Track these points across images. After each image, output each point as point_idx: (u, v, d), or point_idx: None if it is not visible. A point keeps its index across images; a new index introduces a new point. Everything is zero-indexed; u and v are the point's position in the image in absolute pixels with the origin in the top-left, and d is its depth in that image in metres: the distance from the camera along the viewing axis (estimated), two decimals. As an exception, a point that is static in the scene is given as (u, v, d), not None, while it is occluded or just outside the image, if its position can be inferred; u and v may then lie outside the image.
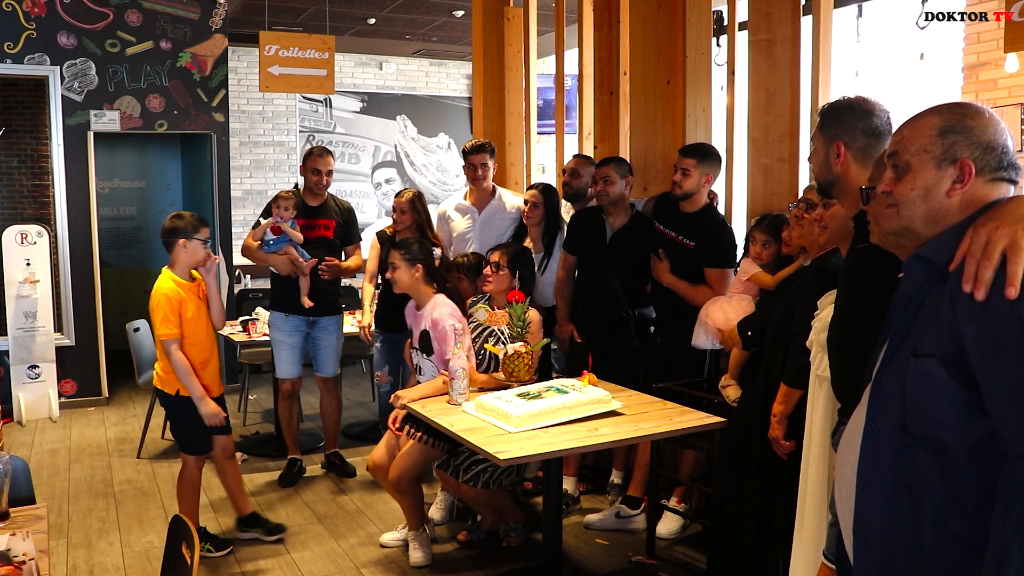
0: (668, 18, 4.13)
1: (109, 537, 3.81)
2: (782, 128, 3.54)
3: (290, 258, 4.29)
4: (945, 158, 1.38)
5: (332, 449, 4.69)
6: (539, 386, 3.08)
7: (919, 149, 1.41)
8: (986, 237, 1.29)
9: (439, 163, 9.57)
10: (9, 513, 2.12)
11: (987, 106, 1.45)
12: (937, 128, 1.40)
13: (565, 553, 3.47)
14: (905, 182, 1.41)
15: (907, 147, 1.42)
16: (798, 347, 2.53)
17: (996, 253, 1.26)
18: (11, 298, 5.86)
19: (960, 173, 1.37)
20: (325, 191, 4.49)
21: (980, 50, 5.47)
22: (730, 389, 3.24)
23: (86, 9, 6.07)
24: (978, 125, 1.39)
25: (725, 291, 3.53)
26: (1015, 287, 1.22)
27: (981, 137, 1.38)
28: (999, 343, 1.23)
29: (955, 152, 1.38)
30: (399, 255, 3.55)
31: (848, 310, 2.07)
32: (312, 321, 4.51)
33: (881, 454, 1.40)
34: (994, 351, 1.23)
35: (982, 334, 1.25)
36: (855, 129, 2.09)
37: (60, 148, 6.06)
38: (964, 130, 1.39)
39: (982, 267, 1.26)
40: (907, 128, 1.45)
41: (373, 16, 7.39)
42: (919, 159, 1.40)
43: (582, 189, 4.12)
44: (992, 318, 1.24)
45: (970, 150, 1.38)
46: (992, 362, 1.24)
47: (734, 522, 2.97)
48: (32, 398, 5.89)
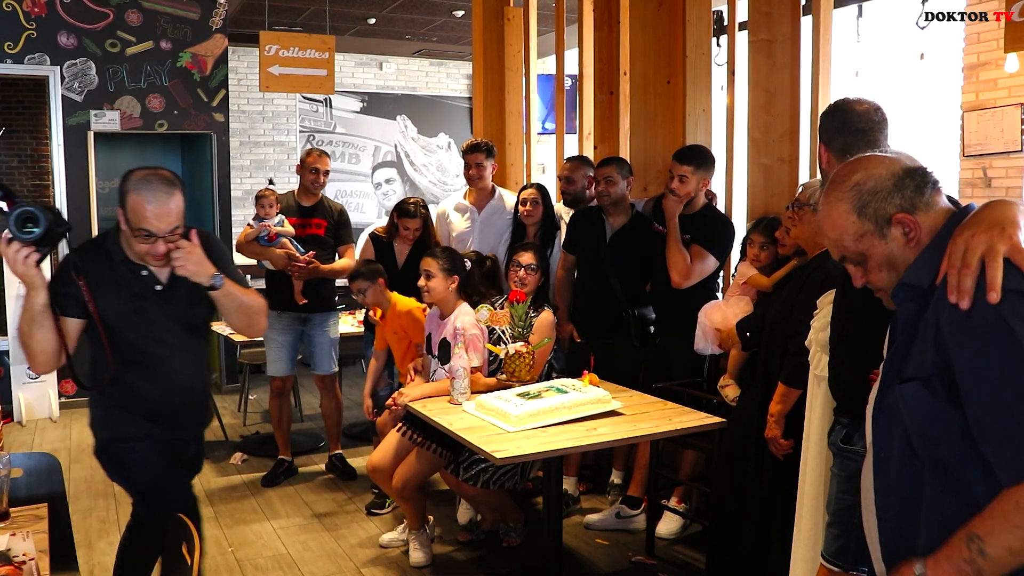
0: (668, 18, 4.13)
1: (109, 537, 3.81)
2: (782, 128, 3.54)
3: (286, 252, 4.30)
4: (880, 225, 1.39)
5: (335, 451, 4.69)
6: (539, 386, 3.08)
7: (856, 237, 1.41)
8: (964, 245, 1.29)
9: (439, 163, 9.57)
10: (9, 513, 2.12)
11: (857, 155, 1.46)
12: (851, 211, 1.41)
13: (565, 553, 3.47)
14: (871, 270, 1.42)
15: (845, 244, 1.43)
16: (796, 346, 2.53)
17: (974, 260, 1.26)
18: (11, 298, 5.85)
19: (903, 226, 1.38)
20: (320, 191, 4.52)
21: (980, 50, 5.47)
22: (729, 389, 3.24)
23: (86, 9, 6.07)
24: (869, 175, 1.40)
25: (698, 272, 3.54)
26: (996, 291, 1.22)
27: (884, 183, 1.39)
28: (984, 348, 1.23)
29: (883, 213, 1.38)
30: (437, 264, 3.45)
31: (848, 310, 2.07)
32: (305, 318, 4.52)
33: (894, 481, 1.39)
34: (978, 356, 1.23)
35: (967, 342, 1.24)
36: (832, 130, 2.20)
37: (60, 148, 6.06)
38: (868, 192, 1.39)
39: (962, 276, 1.26)
40: (829, 230, 1.45)
41: (373, 16, 7.39)
42: (864, 243, 1.41)
43: (580, 193, 4.12)
44: (976, 324, 1.24)
45: (890, 201, 1.38)
46: (976, 367, 1.23)
47: (734, 522, 2.97)
48: (32, 398, 5.89)
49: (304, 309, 4.44)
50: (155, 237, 2.22)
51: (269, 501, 4.24)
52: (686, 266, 3.56)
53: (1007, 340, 1.20)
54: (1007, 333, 1.20)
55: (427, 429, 3.30)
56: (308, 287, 4.40)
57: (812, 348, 2.43)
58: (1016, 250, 1.25)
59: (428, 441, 3.37)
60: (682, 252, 3.57)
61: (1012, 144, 5.33)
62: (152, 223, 2.20)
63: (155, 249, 2.24)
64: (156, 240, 2.22)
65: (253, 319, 2.51)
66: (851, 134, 2.14)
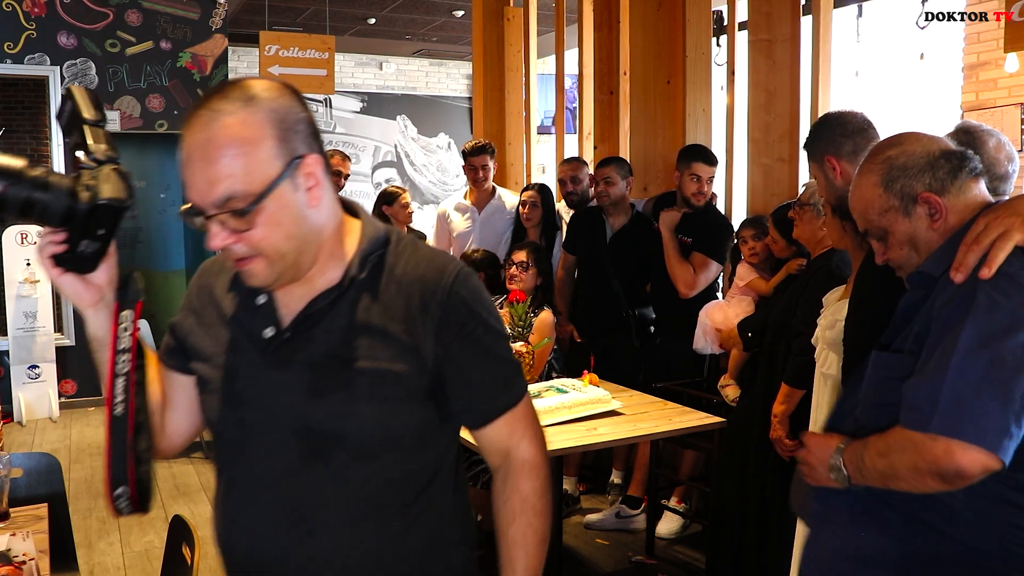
0: (668, 18, 4.13)
1: (109, 537, 3.81)
2: (782, 128, 3.54)
3: None
4: (906, 203, 1.38)
5: None
6: (539, 386, 3.08)
7: (880, 211, 1.41)
8: (983, 226, 1.29)
9: (439, 163, 9.57)
10: (9, 513, 2.12)
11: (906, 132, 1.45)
12: (879, 184, 1.40)
13: (565, 553, 3.46)
14: (892, 246, 1.42)
15: (870, 217, 1.43)
16: (799, 346, 2.51)
17: (986, 240, 1.27)
18: (11, 298, 5.86)
19: (928, 206, 1.37)
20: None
21: (980, 50, 5.47)
22: (729, 389, 3.24)
23: (86, 9, 6.07)
24: (904, 151, 1.39)
25: (703, 280, 3.56)
26: (990, 269, 1.24)
27: (917, 160, 1.38)
28: (949, 311, 1.25)
29: (910, 191, 1.37)
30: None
31: (865, 311, 2.06)
32: None
33: None
34: (940, 316, 1.26)
35: (945, 306, 1.27)
36: (836, 136, 2.14)
37: (60, 148, 6.06)
38: (899, 168, 1.38)
39: (970, 252, 1.27)
40: (856, 201, 1.46)
41: (373, 16, 7.39)
42: (887, 219, 1.40)
43: (586, 193, 4.11)
44: (956, 292, 1.26)
45: (919, 180, 1.37)
46: (937, 324, 1.26)
47: (733, 522, 2.97)
48: (32, 398, 5.89)
49: None
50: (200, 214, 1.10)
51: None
52: (691, 276, 3.56)
53: (962, 308, 1.23)
54: (967, 303, 1.23)
55: None
56: None
57: (819, 346, 2.41)
58: None
59: None
60: (683, 264, 3.57)
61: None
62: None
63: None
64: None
65: None
66: (855, 134, 2.13)
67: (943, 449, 1.19)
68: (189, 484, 4.52)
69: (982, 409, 1.18)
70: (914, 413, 1.23)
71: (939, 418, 1.20)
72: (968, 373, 1.19)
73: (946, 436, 1.19)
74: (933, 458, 1.20)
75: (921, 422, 1.22)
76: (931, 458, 1.20)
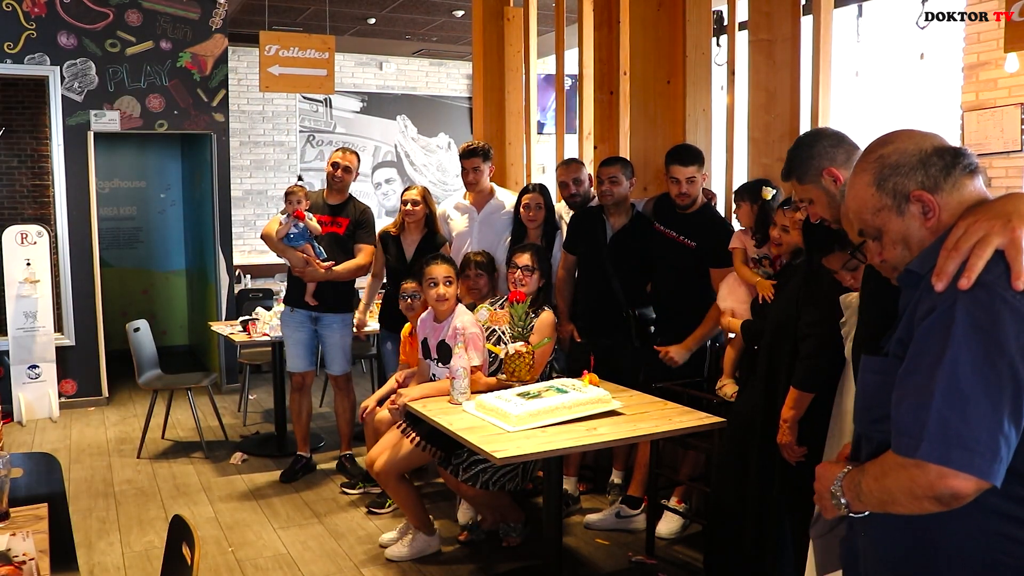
0: (668, 18, 4.13)
1: (109, 537, 3.81)
2: (782, 128, 3.54)
3: (306, 256, 4.33)
4: (899, 201, 1.36)
5: (345, 451, 4.71)
6: (539, 386, 3.08)
7: (874, 211, 1.39)
8: (963, 230, 1.28)
9: (439, 163, 9.57)
10: (9, 513, 2.12)
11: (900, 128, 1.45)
12: (872, 184, 1.39)
13: (565, 553, 3.47)
14: (887, 246, 1.41)
15: (864, 216, 1.42)
16: (807, 349, 2.46)
17: (965, 246, 1.25)
18: (11, 298, 5.86)
19: (921, 204, 1.35)
20: (343, 187, 4.54)
21: (980, 50, 5.47)
22: (727, 387, 3.25)
23: (86, 9, 6.07)
24: (896, 149, 1.38)
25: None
26: (968, 279, 1.22)
27: (909, 158, 1.36)
28: (928, 328, 1.24)
29: (902, 189, 1.36)
30: (452, 270, 3.56)
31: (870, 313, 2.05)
32: (316, 317, 4.56)
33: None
34: (921, 335, 1.25)
35: (922, 316, 1.26)
36: (826, 149, 2.13)
37: (60, 148, 6.06)
38: (891, 166, 1.37)
39: (949, 259, 1.26)
40: (850, 201, 1.44)
41: (373, 16, 7.39)
42: (881, 218, 1.39)
43: (587, 193, 4.10)
44: (936, 302, 1.25)
45: (912, 178, 1.35)
46: (916, 343, 1.25)
47: (731, 521, 2.96)
48: (32, 398, 5.89)
49: (315, 308, 4.50)
50: None
51: (269, 501, 4.24)
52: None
53: (943, 325, 1.22)
54: (948, 320, 1.22)
55: (421, 425, 3.31)
56: (321, 288, 4.47)
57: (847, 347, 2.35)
58: (1013, 245, 1.24)
59: (424, 441, 3.38)
60: (713, 309, 3.55)
61: (1012, 144, 5.33)
62: None
63: None
64: None
65: None
66: (841, 142, 2.15)
67: (936, 474, 1.19)
68: (189, 484, 4.52)
69: (970, 436, 1.18)
70: (904, 438, 1.23)
71: (927, 445, 1.20)
72: (952, 399, 1.19)
73: (937, 464, 1.19)
74: (927, 483, 1.20)
75: (911, 448, 1.22)
76: (925, 484, 1.21)
